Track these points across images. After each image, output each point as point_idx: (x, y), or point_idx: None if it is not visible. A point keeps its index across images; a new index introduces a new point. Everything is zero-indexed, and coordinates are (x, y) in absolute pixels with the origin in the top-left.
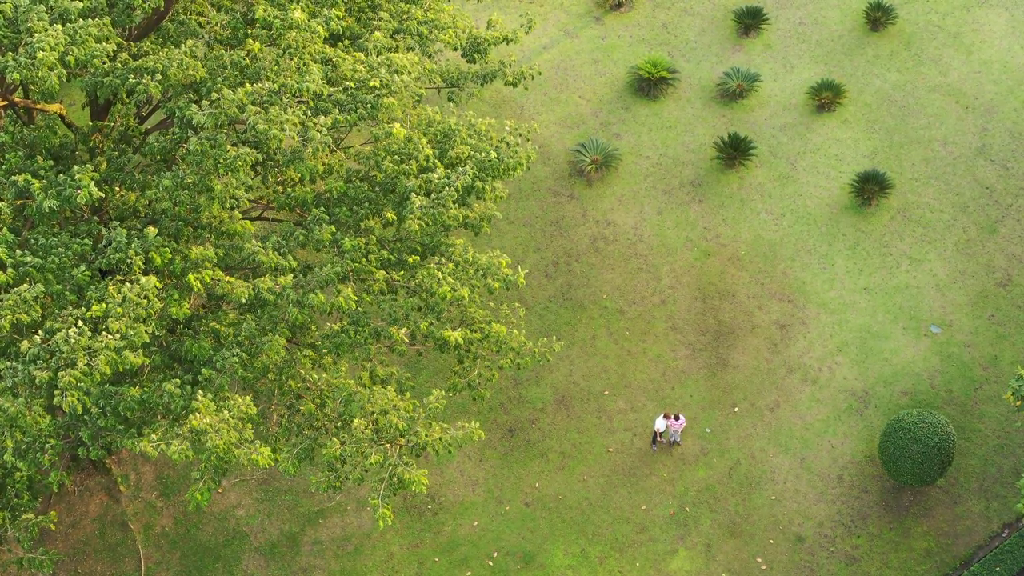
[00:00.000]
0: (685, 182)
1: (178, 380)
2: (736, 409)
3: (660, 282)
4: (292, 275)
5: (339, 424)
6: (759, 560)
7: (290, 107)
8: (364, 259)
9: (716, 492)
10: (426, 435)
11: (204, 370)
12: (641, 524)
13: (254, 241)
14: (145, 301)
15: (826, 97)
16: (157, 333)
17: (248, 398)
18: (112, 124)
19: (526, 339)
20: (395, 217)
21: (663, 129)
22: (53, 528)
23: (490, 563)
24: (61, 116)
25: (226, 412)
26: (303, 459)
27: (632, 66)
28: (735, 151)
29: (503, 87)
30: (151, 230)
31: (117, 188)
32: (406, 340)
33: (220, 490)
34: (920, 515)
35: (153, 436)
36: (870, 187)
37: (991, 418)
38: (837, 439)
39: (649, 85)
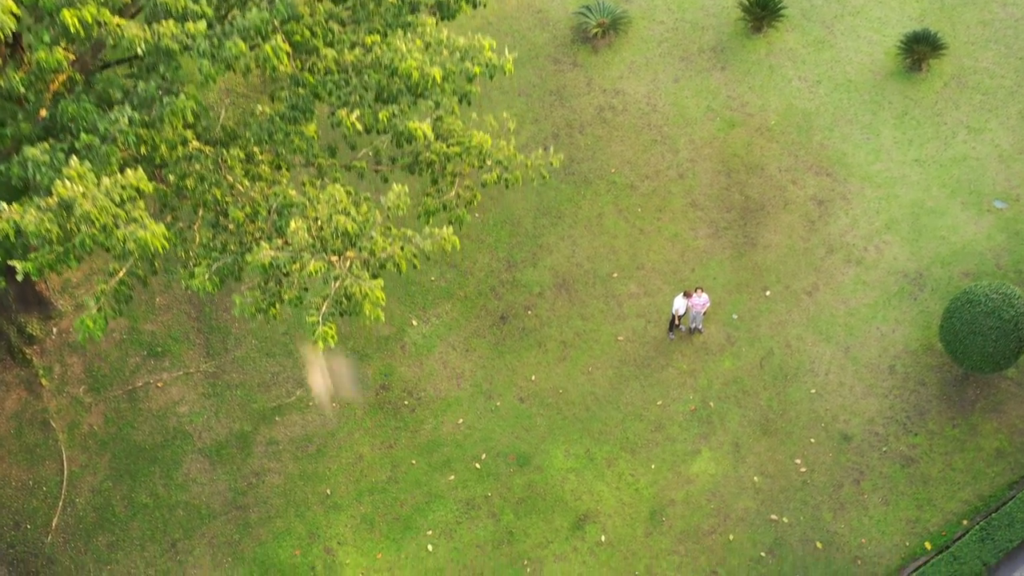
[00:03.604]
0: (705, 48)
1: (46, 145)
2: (768, 293)
3: (677, 155)
4: (206, 22)
5: (273, 236)
6: (798, 462)
7: None
8: (308, 32)
9: (745, 385)
10: (384, 244)
11: (84, 135)
12: (657, 422)
13: None
14: None
15: None
16: (20, 91)
17: (139, 170)
18: None
19: (516, 151)
20: None
21: None
22: None
23: (477, 466)
24: None
25: (107, 180)
26: (225, 277)
27: None
28: (763, 11)
29: None
30: None
31: None
32: (359, 127)
33: (160, 384)
34: (989, 410)
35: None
36: (920, 49)
37: None
38: (887, 326)
39: None
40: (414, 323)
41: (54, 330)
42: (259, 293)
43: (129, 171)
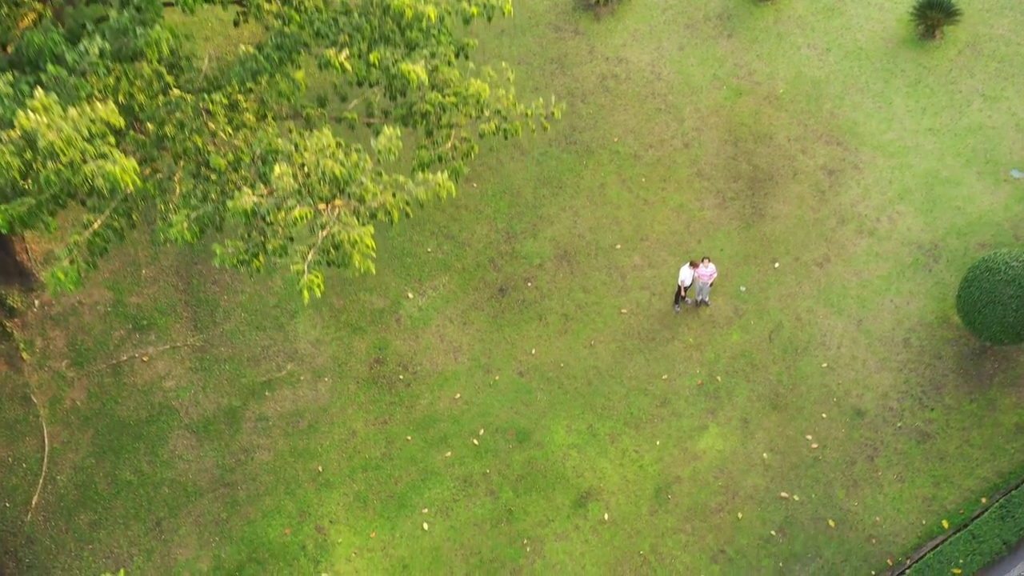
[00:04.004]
0: (711, 15)
1: (10, 76)
2: (777, 265)
3: (683, 124)
4: None
5: (256, 183)
6: (808, 437)
7: None
8: None
9: (754, 359)
10: (375, 190)
11: (51, 67)
12: (662, 397)
13: None
14: None
15: None
16: None
17: (110, 103)
18: None
19: (516, 101)
20: None
21: None
22: None
23: (475, 442)
24: None
25: (73, 111)
26: (206, 226)
27: None
28: None
29: None
30: None
31: None
32: (347, 67)
33: (145, 358)
34: (1008, 384)
35: None
36: (934, 15)
37: None
38: (901, 298)
39: None
40: (409, 296)
41: (36, 302)
42: (241, 243)
43: (99, 104)
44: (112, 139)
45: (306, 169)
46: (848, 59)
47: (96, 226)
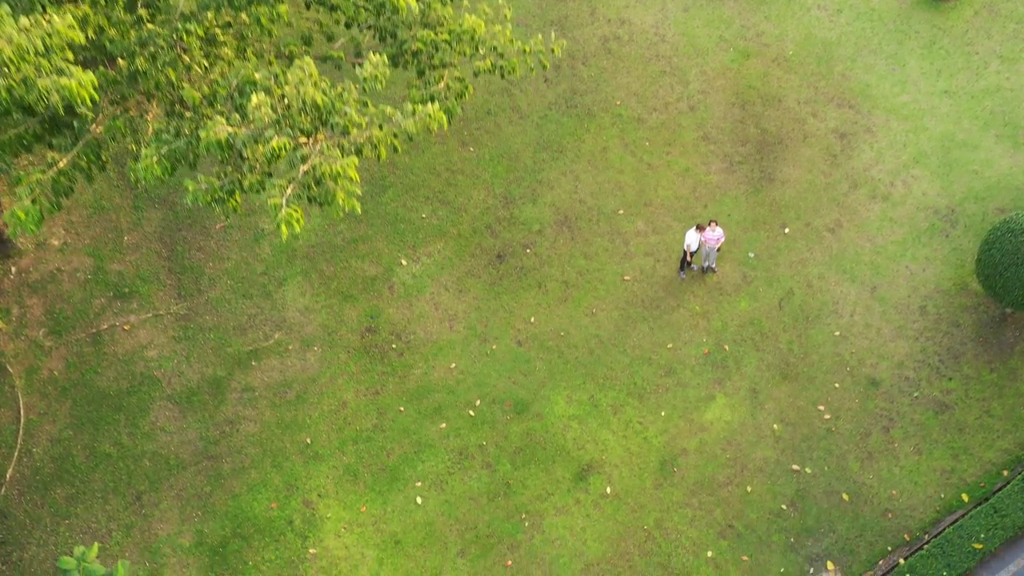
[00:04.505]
0: None
1: None
2: (787, 230)
3: (688, 87)
4: None
5: (232, 116)
6: (821, 408)
7: None
8: None
9: (763, 327)
10: (360, 120)
11: None
12: (667, 366)
13: None
14: None
15: None
16: None
17: (68, 17)
18: None
19: (513, 37)
20: None
21: None
22: None
23: (471, 413)
24: None
25: (25, 19)
26: (178, 162)
27: None
28: None
29: None
30: None
31: None
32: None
33: (127, 327)
34: None
35: None
36: None
37: None
38: (917, 264)
39: None
40: (403, 262)
41: (12, 269)
42: (216, 180)
43: (55, 15)
44: (71, 55)
45: (286, 101)
46: (860, 20)
47: (62, 164)
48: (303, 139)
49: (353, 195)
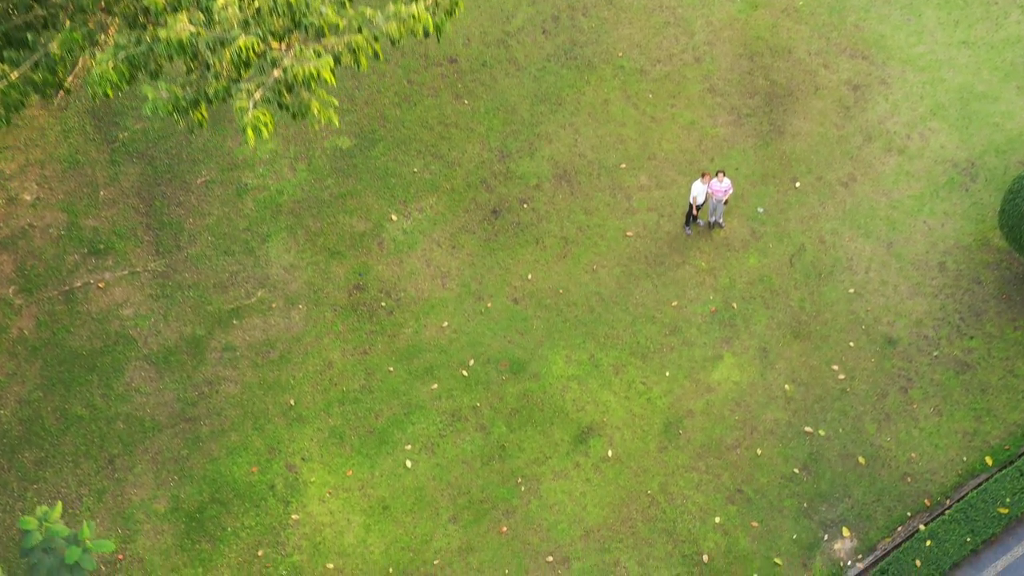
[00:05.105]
0: None
1: None
2: (798, 184)
3: (693, 38)
4: None
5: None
6: (835, 368)
7: None
8: None
9: (773, 284)
10: (337, 21)
11: None
12: (672, 325)
13: None
14: None
15: None
16: None
17: None
18: None
19: None
20: None
21: None
22: None
23: (464, 374)
24: None
25: None
26: (137, 69)
27: None
28: None
29: None
30: None
31: None
32: None
33: (101, 284)
34: None
35: None
36: None
37: None
38: (935, 219)
39: None
40: (393, 218)
41: None
42: (178, 89)
43: None
44: None
45: (256, 2)
46: None
47: (13, 77)
48: (275, 44)
49: (329, 105)
